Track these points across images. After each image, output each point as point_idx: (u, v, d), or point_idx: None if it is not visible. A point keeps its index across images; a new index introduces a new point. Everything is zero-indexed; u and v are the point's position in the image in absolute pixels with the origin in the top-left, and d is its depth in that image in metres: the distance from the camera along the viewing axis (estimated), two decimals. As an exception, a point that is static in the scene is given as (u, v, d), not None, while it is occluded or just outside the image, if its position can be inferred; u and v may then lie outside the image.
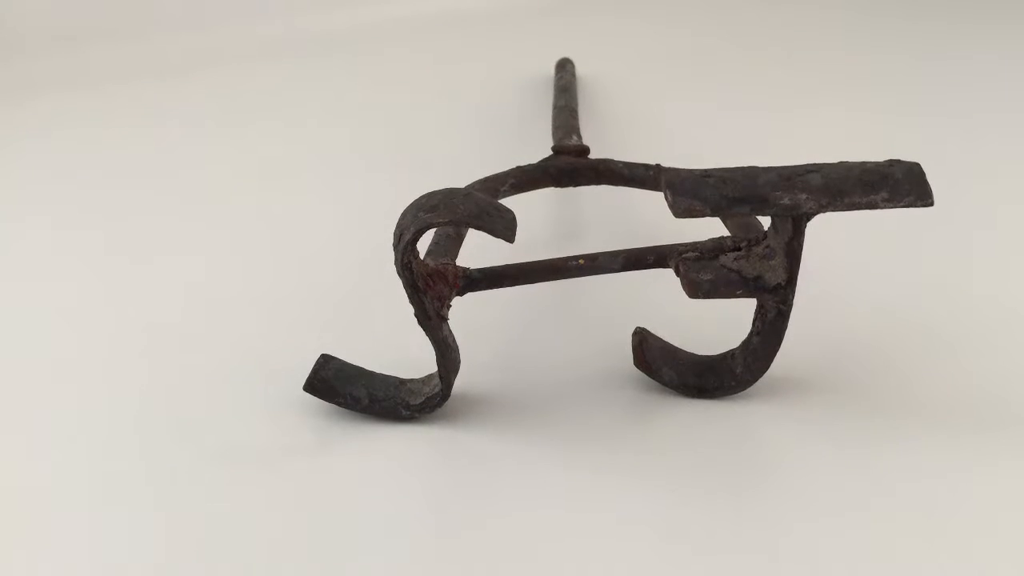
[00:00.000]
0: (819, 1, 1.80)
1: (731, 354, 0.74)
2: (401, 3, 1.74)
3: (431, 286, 0.69)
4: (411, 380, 0.74)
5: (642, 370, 0.76)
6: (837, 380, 0.77)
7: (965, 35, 1.60)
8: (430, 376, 0.74)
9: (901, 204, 0.66)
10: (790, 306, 0.70)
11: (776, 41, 1.61)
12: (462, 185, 0.88)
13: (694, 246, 0.71)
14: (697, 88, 1.42)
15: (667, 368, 0.75)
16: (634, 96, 1.37)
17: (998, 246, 0.96)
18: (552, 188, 0.96)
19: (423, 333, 0.70)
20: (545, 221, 1.03)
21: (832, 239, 0.82)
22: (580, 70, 1.38)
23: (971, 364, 0.78)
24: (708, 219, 0.67)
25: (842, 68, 1.48)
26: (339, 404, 0.74)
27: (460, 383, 0.74)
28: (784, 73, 1.47)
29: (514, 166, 0.94)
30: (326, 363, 0.75)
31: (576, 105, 1.17)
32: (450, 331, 0.72)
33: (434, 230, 0.79)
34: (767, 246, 0.69)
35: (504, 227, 0.66)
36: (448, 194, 0.67)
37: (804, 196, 0.65)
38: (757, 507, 0.66)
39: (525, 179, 0.93)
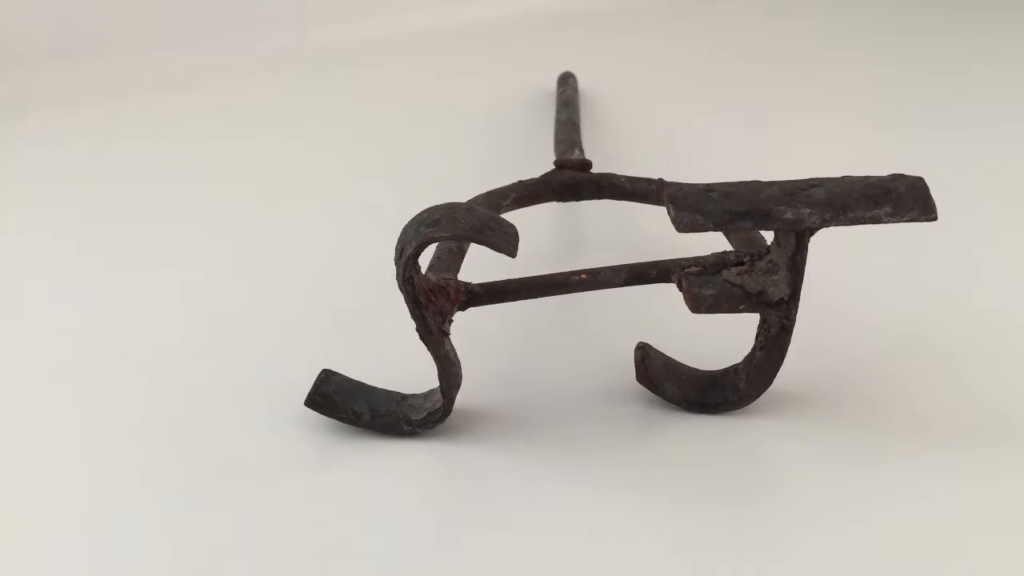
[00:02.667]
0: (821, 16, 1.80)
1: (734, 369, 0.74)
2: (402, 17, 1.75)
3: (433, 301, 0.69)
4: (413, 395, 0.74)
5: (645, 385, 0.76)
6: (840, 395, 0.77)
7: (967, 49, 1.60)
8: (432, 391, 0.74)
9: (905, 219, 0.65)
10: (793, 321, 0.70)
11: (778, 55, 1.61)
12: (464, 199, 0.88)
13: (697, 261, 0.71)
14: (700, 102, 1.42)
15: (670, 383, 0.75)
16: (636, 110, 1.37)
17: (1000, 260, 0.95)
18: (554, 203, 0.96)
19: (425, 348, 0.70)
20: (547, 236, 1.03)
21: (835, 254, 0.81)
22: (582, 84, 1.38)
23: (973, 379, 0.78)
24: (711, 234, 0.67)
25: (844, 82, 1.48)
26: (340, 419, 0.74)
27: (462, 398, 0.74)
28: (787, 87, 1.47)
29: (516, 180, 0.93)
30: (327, 378, 0.75)
31: (578, 119, 1.17)
32: (452, 346, 0.71)
33: (436, 245, 0.79)
34: (770, 261, 0.69)
35: (506, 242, 0.66)
36: (450, 208, 0.67)
37: (807, 211, 0.64)
38: (759, 523, 0.66)
39: (527, 193, 0.93)
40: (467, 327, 0.75)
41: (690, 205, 0.65)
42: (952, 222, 0.81)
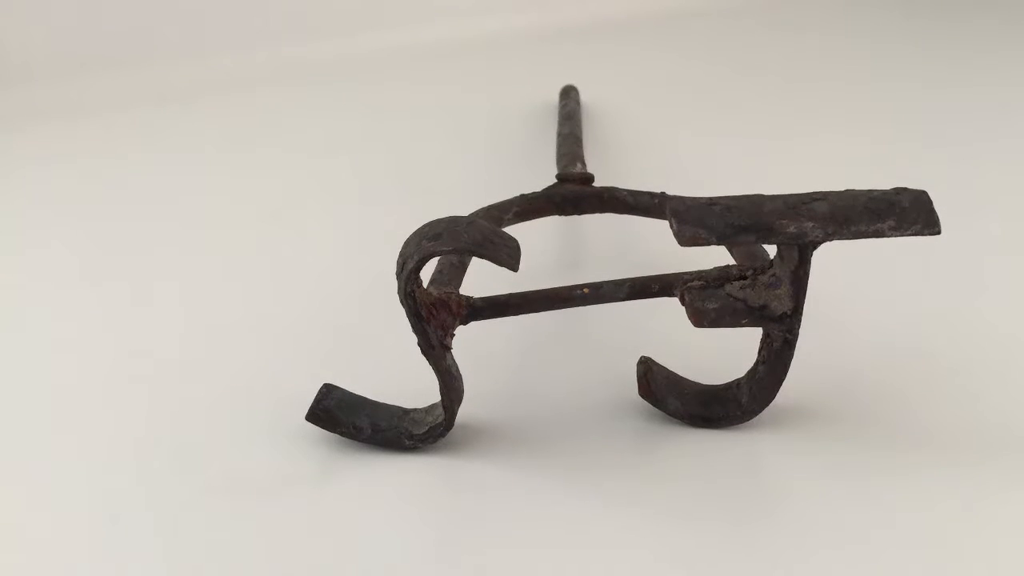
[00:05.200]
0: (821, 29, 1.81)
1: (736, 384, 0.74)
2: (402, 31, 1.75)
3: (434, 315, 0.69)
4: (414, 410, 0.74)
5: (647, 400, 0.76)
6: (842, 410, 0.76)
7: (970, 62, 1.60)
8: (433, 406, 0.73)
9: (908, 232, 0.65)
10: (796, 335, 0.70)
11: (781, 68, 1.61)
12: (466, 213, 0.88)
13: (699, 275, 0.70)
14: (703, 116, 1.42)
15: (672, 398, 0.75)
16: (639, 123, 1.37)
17: (1003, 274, 0.95)
18: (556, 216, 0.96)
19: (426, 362, 0.70)
20: (549, 249, 1.03)
21: (838, 268, 0.81)
22: (584, 97, 1.39)
23: (976, 393, 0.78)
24: (713, 248, 0.67)
25: (847, 96, 1.48)
26: (342, 434, 0.74)
27: (463, 413, 0.74)
28: (789, 100, 1.47)
29: (518, 194, 0.93)
30: (329, 393, 0.75)
31: (580, 133, 1.17)
32: (453, 360, 0.71)
33: (437, 259, 0.79)
34: (773, 275, 0.69)
35: (508, 256, 0.66)
36: (452, 222, 0.67)
37: (810, 224, 0.64)
38: (760, 538, 0.66)
39: (529, 207, 0.93)
40: (469, 341, 0.75)
41: (693, 219, 0.65)
42: (955, 236, 0.81)
